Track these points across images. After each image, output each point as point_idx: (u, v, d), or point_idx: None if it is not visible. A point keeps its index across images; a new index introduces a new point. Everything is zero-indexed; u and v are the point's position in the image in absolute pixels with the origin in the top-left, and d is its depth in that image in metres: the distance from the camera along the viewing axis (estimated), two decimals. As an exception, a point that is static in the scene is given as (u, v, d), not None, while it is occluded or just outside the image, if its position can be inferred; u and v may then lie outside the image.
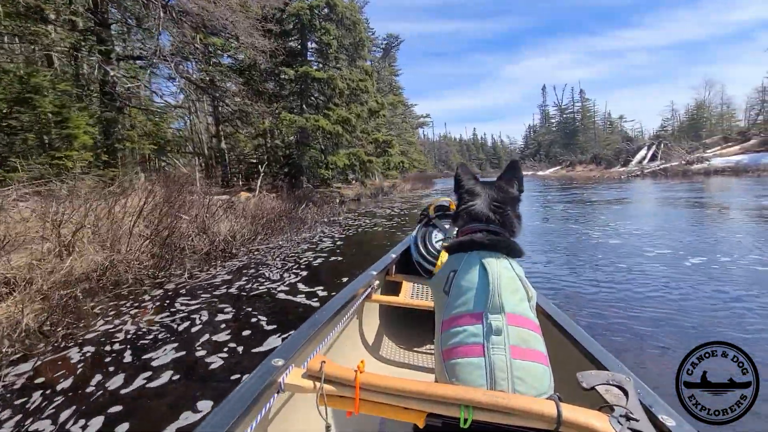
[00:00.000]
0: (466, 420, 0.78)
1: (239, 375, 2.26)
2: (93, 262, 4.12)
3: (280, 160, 16.07)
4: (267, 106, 14.31)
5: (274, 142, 16.62)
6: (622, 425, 0.75)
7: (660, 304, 3.33)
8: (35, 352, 2.65)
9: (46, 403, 2.09)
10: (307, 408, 1.09)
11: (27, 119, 7.76)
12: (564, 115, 66.17)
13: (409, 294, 2.18)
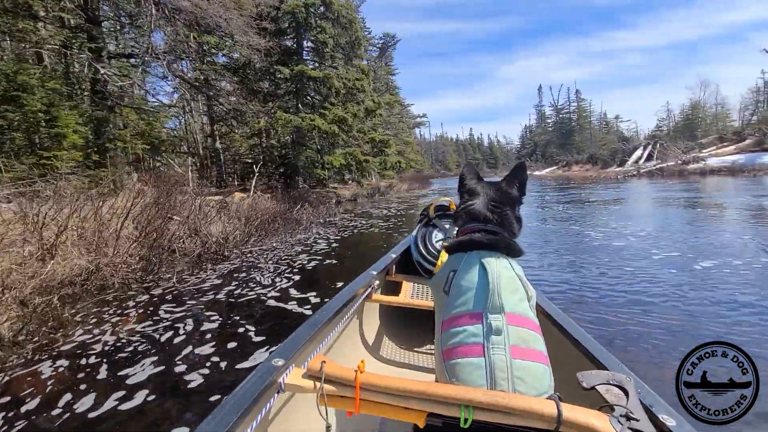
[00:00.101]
0: (466, 420, 0.78)
1: (219, 396, 2.07)
2: (77, 266, 3.95)
3: (275, 160, 15.91)
4: (262, 105, 14.14)
5: (269, 141, 16.45)
6: (622, 425, 0.75)
7: (672, 310, 3.19)
8: (6, 365, 2.47)
9: (6, 428, 1.92)
10: (308, 408, 1.09)
11: (14, 118, 7.57)
12: (560, 115, 66.36)
13: (410, 294, 2.17)
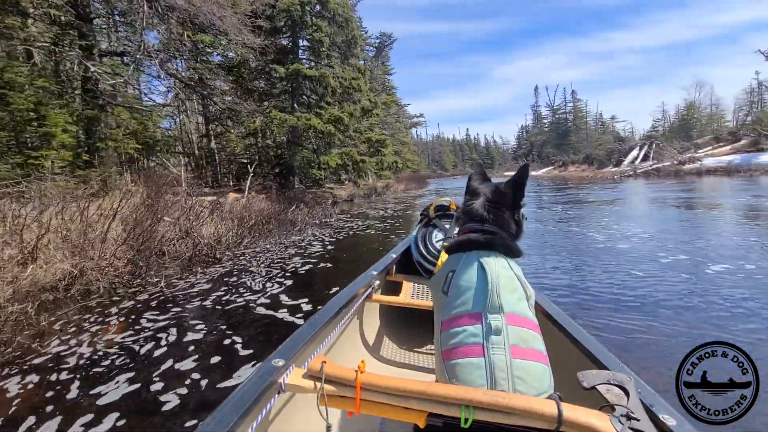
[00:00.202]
0: (466, 420, 0.78)
1: (195, 421, 1.92)
2: (60, 270, 3.79)
3: (271, 160, 15.73)
4: (258, 104, 13.96)
5: (265, 141, 16.28)
6: (623, 425, 0.74)
7: (684, 314, 3.08)
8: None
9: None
10: (308, 408, 1.08)
11: (1, 117, 7.36)
12: (556, 116, 66.50)
13: (410, 294, 2.16)
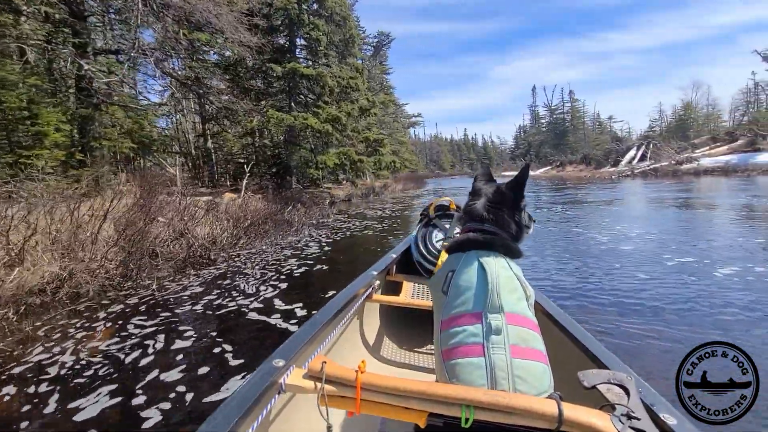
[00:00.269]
0: (467, 420, 0.78)
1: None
2: (48, 272, 3.68)
3: (268, 159, 15.62)
4: (254, 104, 13.84)
5: (262, 141, 16.17)
6: (623, 424, 0.74)
7: (695, 319, 3.02)
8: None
9: None
10: (309, 408, 1.08)
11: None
12: (554, 116, 66.62)
13: (410, 294, 2.15)
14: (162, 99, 15.14)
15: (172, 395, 2.15)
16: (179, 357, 2.60)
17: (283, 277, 4.58)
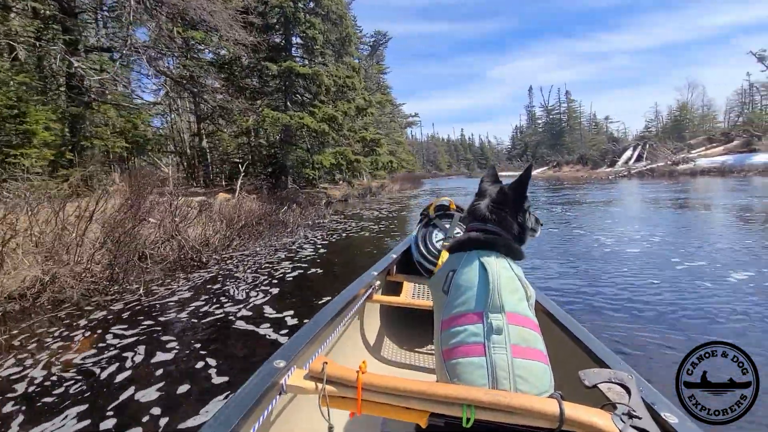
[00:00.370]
0: (468, 419, 0.78)
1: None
2: (31, 277, 3.52)
3: (264, 159, 15.45)
4: (250, 103, 13.69)
5: (257, 140, 16.01)
6: (624, 423, 0.74)
7: (701, 323, 2.92)
8: None
9: None
10: (310, 409, 1.08)
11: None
12: (550, 116, 66.84)
13: (410, 294, 2.16)
14: (156, 98, 14.93)
15: (145, 418, 1.96)
16: (159, 372, 2.41)
17: (276, 282, 4.42)
